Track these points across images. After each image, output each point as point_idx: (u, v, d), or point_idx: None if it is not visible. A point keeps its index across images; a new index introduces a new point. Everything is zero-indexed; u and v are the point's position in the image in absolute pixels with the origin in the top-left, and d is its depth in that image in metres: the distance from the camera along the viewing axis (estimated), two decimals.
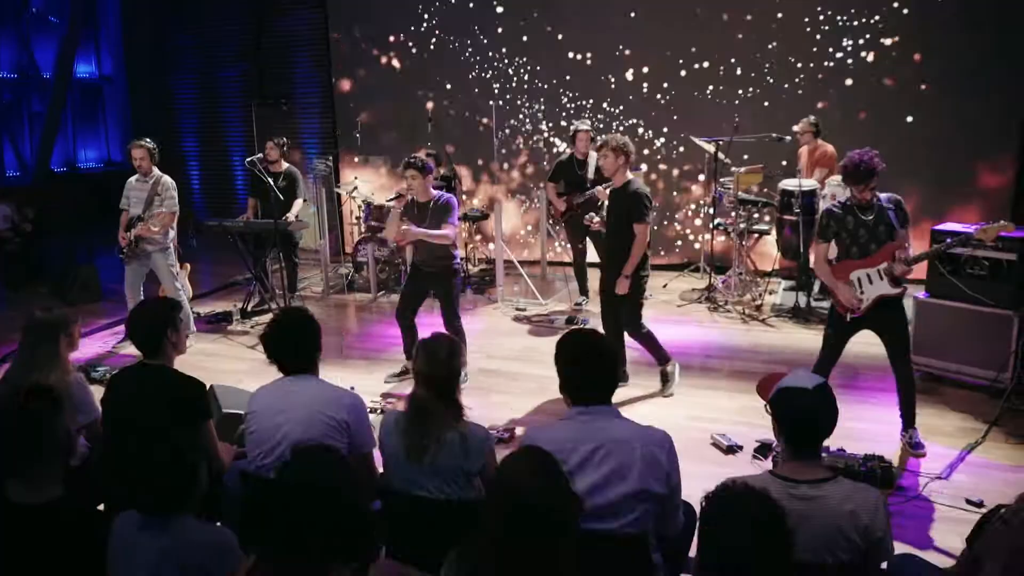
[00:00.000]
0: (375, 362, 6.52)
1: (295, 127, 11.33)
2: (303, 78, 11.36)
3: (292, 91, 11.37)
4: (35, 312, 3.56)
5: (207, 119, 12.20)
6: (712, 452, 4.76)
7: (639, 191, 5.36)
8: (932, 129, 8.10)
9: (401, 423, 2.91)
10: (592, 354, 2.71)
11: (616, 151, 5.31)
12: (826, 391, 2.57)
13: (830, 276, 4.70)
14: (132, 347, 6.96)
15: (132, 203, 6.87)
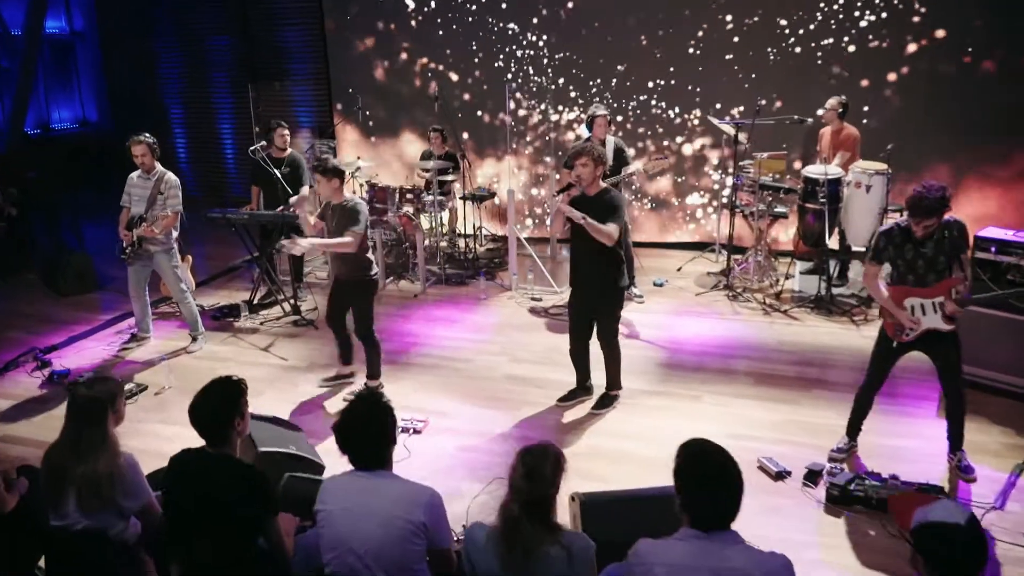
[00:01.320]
0: (398, 367, 6.34)
1: (289, 101, 10.88)
2: (296, 50, 10.84)
3: (285, 66, 10.87)
4: (78, 390, 3.33)
5: (194, 88, 11.66)
6: (759, 478, 4.69)
7: (615, 199, 5.12)
8: (967, 111, 7.91)
9: (495, 543, 2.74)
10: (722, 478, 2.55)
11: (597, 161, 5.08)
12: (977, 526, 2.44)
13: (884, 297, 4.59)
14: (140, 349, 6.88)
15: (134, 201, 6.54)
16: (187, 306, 6.80)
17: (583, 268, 5.22)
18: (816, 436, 5.10)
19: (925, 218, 4.24)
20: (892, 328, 4.59)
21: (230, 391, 3.15)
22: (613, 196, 5.16)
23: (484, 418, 5.48)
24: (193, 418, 3.08)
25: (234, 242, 8.51)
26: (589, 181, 5.09)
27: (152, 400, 5.93)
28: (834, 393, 5.67)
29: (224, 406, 3.10)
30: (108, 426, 3.22)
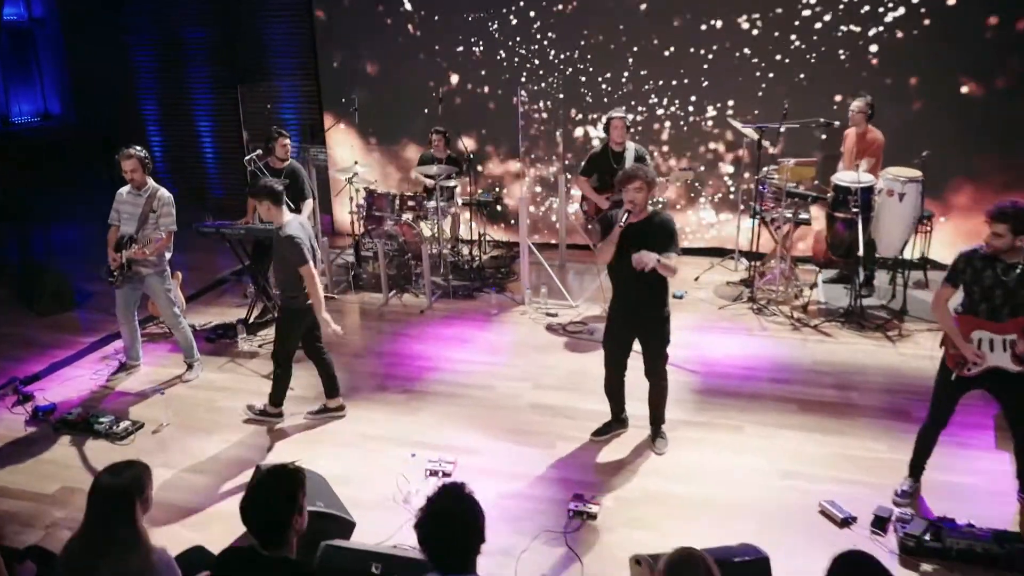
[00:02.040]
0: (414, 396, 6.05)
1: (275, 98, 10.45)
2: (282, 44, 10.39)
3: (270, 61, 10.42)
4: (101, 480, 2.96)
5: (170, 83, 11.17)
6: (823, 525, 4.47)
7: (669, 223, 4.84)
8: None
9: None
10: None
11: (651, 184, 4.77)
12: None
13: (951, 325, 4.38)
14: (130, 379, 6.49)
15: (123, 219, 6.14)
16: (181, 332, 6.43)
17: (632, 297, 4.92)
18: (871, 472, 4.91)
19: (1000, 223, 4.03)
20: (953, 360, 4.40)
21: (287, 486, 2.78)
22: (666, 220, 4.88)
23: (518, 456, 5.21)
24: (246, 518, 2.73)
25: (219, 251, 8.17)
26: (643, 207, 4.79)
27: (150, 440, 5.57)
28: (881, 421, 5.49)
29: (281, 504, 2.75)
30: (137, 518, 2.88)
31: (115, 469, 2.96)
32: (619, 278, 4.99)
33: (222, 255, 9.05)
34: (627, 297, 4.96)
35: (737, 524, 4.43)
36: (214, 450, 5.39)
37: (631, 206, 4.77)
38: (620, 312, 5.05)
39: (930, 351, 6.44)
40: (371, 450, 5.32)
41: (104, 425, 5.63)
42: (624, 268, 4.88)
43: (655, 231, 4.80)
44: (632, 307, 4.97)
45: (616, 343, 5.15)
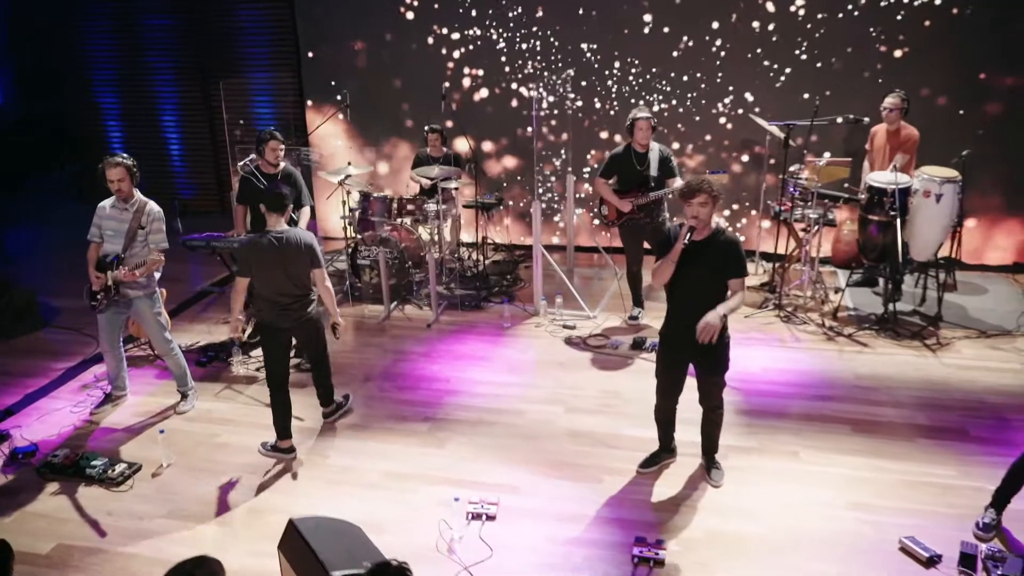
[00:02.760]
0: (439, 425, 5.70)
1: (247, 92, 9.93)
2: (256, 34, 9.85)
3: (245, 50, 9.88)
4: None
5: (131, 75, 10.54)
6: (906, 564, 4.27)
7: (736, 244, 4.61)
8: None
9: None
10: None
11: (716, 199, 4.47)
12: None
13: None
14: (116, 412, 6.01)
15: (107, 236, 5.66)
16: (174, 359, 5.98)
17: (690, 319, 4.60)
18: (943, 502, 4.74)
19: None
20: None
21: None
22: (732, 240, 4.60)
23: (564, 494, 4.91)
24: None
25: (195, 260, 7.73)
26: (707, 223, 4.51)
27: (151, 485, 5.14)
28: (941, 443, 5.32)
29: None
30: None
31: (184, 570, 2.57)
32: (676, 298, 4.70)
33: (198, 264, 8.62)
34: (685, 319, 4.66)
35: (815, 566, 4.22)
36: (225, 496, 4.98)
37: (695, 222, 4.47)
38: (677, 335, 4.76)
39: (975, 360, 6.36)
40: (401, 491, 4.98)
41: (97, 469, 5.19)
42: (682, 288, 4.61)
43: (720, 252, 4.52)
44: (692, 332, 4.67)
45: (672, 370, 4.87)
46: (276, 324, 5.23)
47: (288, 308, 5.20)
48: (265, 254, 5.08)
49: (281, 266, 5.11)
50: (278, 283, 5.14)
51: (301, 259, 5.15)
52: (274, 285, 5.14)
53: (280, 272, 5.12)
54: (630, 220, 6.87)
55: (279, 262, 5.10)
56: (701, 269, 4.53)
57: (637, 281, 7.22)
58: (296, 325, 5.28)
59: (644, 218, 6.83)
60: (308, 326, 5.35)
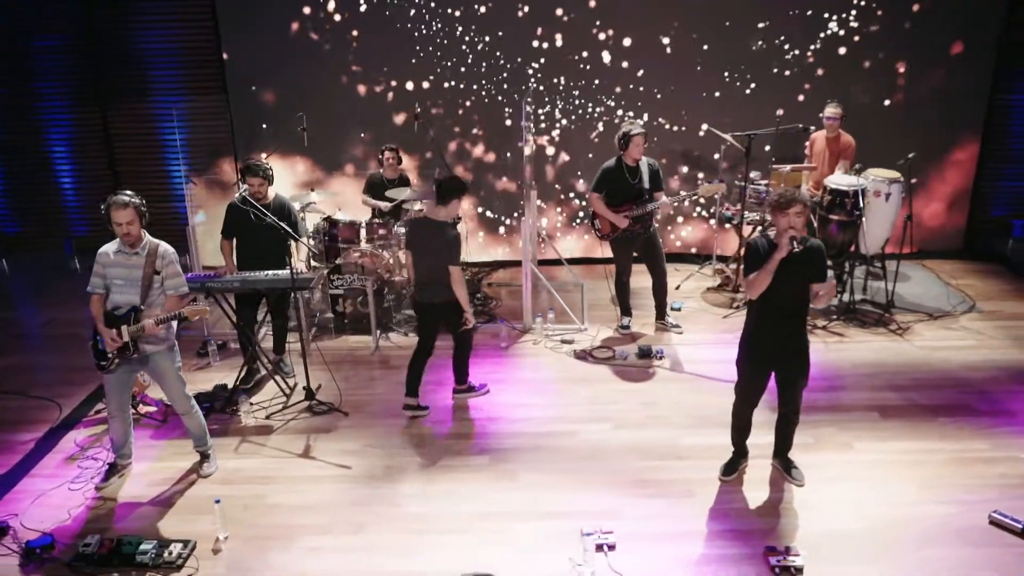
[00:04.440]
0: (499, 458, 5.32)
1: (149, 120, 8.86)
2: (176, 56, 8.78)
3: (154, 71, 8.79)
4: None
5: (12, 99, 9.05)
6: (1000, 536, 4.47)
7: (821, 247, 4.62)
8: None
9: None
10: None
11: (807, 207, 4.50)
12: None
13: None
14: (127, 484, 5.09)
15: (116, 286, 4.80)
16: (195, 417, 5.19)
17: (781, 330, 4.60)
18: (996, 474, 5.04)
19: None
20: None
21: None
22: (820, 246, 4.62)
23: (664, 512, 4.74)
24: None
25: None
26: (801, 232, 4.49)
27: (217, 563, 4.41)
28: (960, 419, 5.67)
29: None
30: None
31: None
32: (767, 308, 4.65)
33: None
34: (775, 330, 4.64)
35: (935, 552, 4.33)
36: (311, 565, 4.37)
37: (795, 232, 4.44)
38: (765, 345, 4.72)
39: (938, 341, 6.85)
40: (499, 532, 4.59)
41: (149, 554, 4.38)
42: (775, 298, 4.56)
43: (810, 258, 4.52)
44: (780, 341, 4.65)
45: (760, 378, 4.83)
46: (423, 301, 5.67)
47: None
48: (418, 233, 5.64)
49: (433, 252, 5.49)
50: (429, 264, 5.54)
51: (442, 253, 5.47)
52: (424, 266, 5.57)
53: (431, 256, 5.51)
54: (625, 232, 6.78)
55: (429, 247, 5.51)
56: (795, 279, 4.52)
57: (626, 291, 7.16)
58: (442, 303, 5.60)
59: (639, 229, 6.77)
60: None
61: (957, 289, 7.95)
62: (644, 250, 6.97)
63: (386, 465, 5.27)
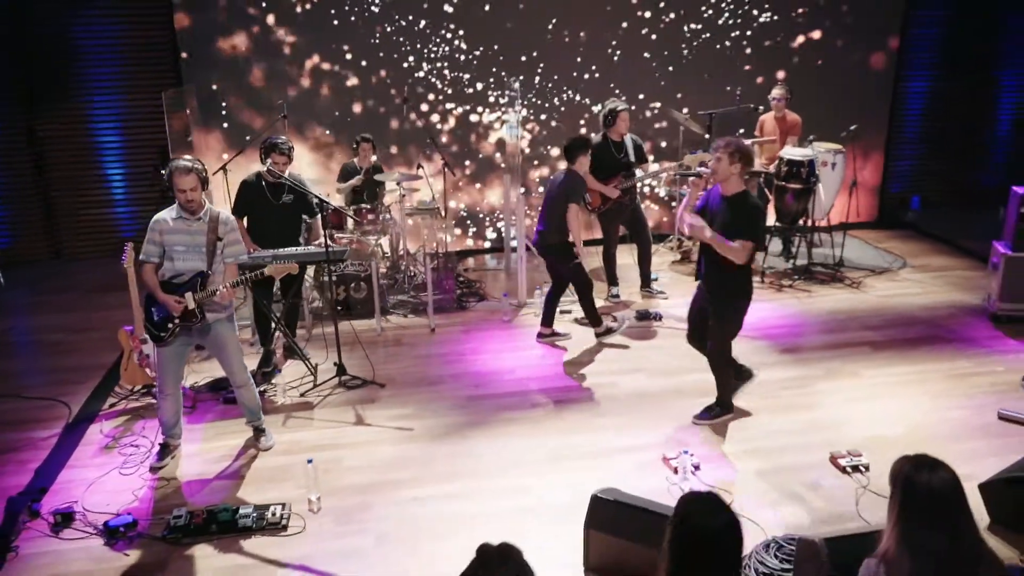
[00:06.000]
0: (559, 408, 5.53)
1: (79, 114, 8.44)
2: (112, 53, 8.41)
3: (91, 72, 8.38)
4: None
5: None
6: (1010, 427, 5.17)
7: (752, 207, 4.81)
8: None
9: None
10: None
11: (733, 156, 4.71)
12: None
13: None
14: (184, 464, 4.88)
15: (177, 253, 4.66)
16: (252, 390, 5.08)
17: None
18: (987, 383, 5.80)
19: None
20: None
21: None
22: (750, 203, 4.78)
23: (723, 437, 5.13)
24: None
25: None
26: (723, 178, 4.78)
27: (319, 520, 4.37)
28: (935, 347, 6.45)
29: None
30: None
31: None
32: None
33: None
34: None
35: (967, 446, 4.94)
36: (422, 511, 4.44)
37: (711, 175, 4.93)
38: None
39: (890, 291, 7.71)
40: (589, 468, 4.80)
41: (251, 517, 4.28)
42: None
43: (734, 212, 4.84)
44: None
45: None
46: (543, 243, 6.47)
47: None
48: (549, 187, 6.46)
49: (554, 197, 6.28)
50: (549, 209, 6.31)
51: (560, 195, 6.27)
52: (546, 212, 6.35)
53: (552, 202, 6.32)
54: (614, 204, 7.20)
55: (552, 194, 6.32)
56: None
57: (613, 262, 7.55)
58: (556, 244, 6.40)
59: (627, 201, 7.21)
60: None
61: (886, 251, 8.92)
62: (630, 223, 7.41)
63: (446, 424, 5.36)
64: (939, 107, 9.97)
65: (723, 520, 2.36)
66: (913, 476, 2.57)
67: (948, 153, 10.17)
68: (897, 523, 2.57)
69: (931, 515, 2.51)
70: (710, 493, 2.52)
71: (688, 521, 2.38)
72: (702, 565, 2.33)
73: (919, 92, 9.91)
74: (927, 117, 10.03)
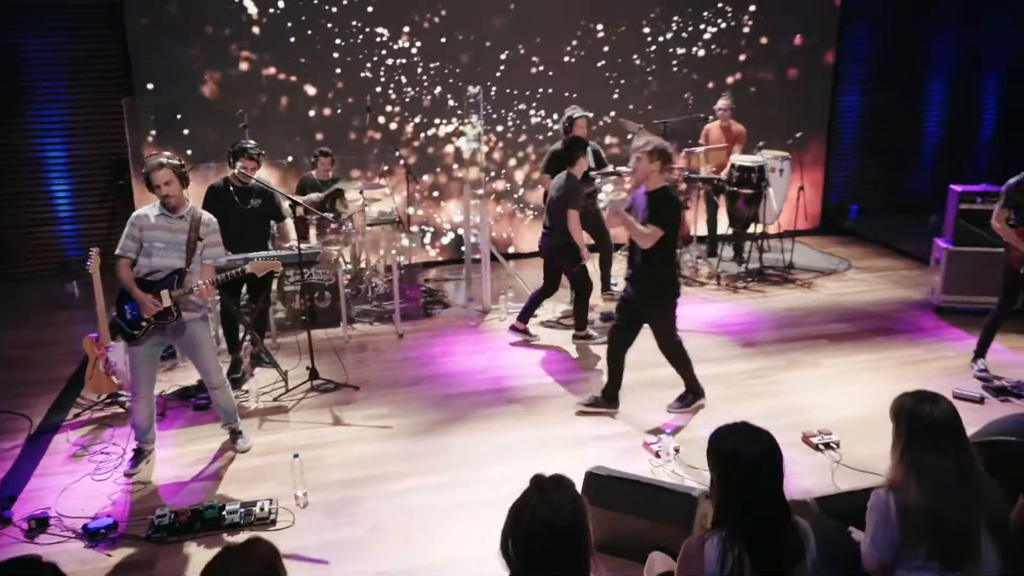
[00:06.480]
0: (535, 403, 5.62)
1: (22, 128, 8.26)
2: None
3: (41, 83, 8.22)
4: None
5: None
6: (967, 405, 5.46)
7: (663, 199, 5.05)
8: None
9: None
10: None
11: (651, 156, 4.98)
12: None
13: (1012, 235, 5.72)
14: (158, 468, 4.79)
15: (156, 249, 4.63)
16: (227, 391, 5.04)
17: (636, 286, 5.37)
18: (939, 368, 6.12)
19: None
20: (1017, 260, 5.75)
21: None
22: (669, 196, 5.10)
23: (701, 423, 5.30)
24: None
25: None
26: (644, 176, 5.05)
27: (307, 515, 4.36)
28: (888, 337, 6.78)
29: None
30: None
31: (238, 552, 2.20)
32: None
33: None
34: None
35: None
36: (414, 501, 4.47)
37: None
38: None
39: (839, 289, 8.07)
40: (573, 456, 4.86)
41: (239, 512, 4.24)
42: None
43: (651, 204, 5.11)
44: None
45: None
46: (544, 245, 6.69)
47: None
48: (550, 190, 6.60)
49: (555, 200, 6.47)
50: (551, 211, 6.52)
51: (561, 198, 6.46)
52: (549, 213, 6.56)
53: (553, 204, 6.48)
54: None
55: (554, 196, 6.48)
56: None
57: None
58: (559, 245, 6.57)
59: (589, 206, 7.41)
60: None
61: (831, 254, 9.33)
62: (592, 228, 7.60)
63: (425, 421, 5.40)
64: (872, 119, 10.53)
65: (764, 444, 2.56)
66: (916, 408, 2.77)
67: (882, 162, 10.74)
68: (904, 453, 2.76)
69: (935, 442, 2.70)
70: (743, 422, 2.68)
71: (731, 453, 2.54)
72: (745, 489, 2.50)
73: (853, 105, 10.46)
74: (862, 128, 10.58)
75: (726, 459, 2.55)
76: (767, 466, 2.53)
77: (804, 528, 2.59)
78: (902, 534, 2.73)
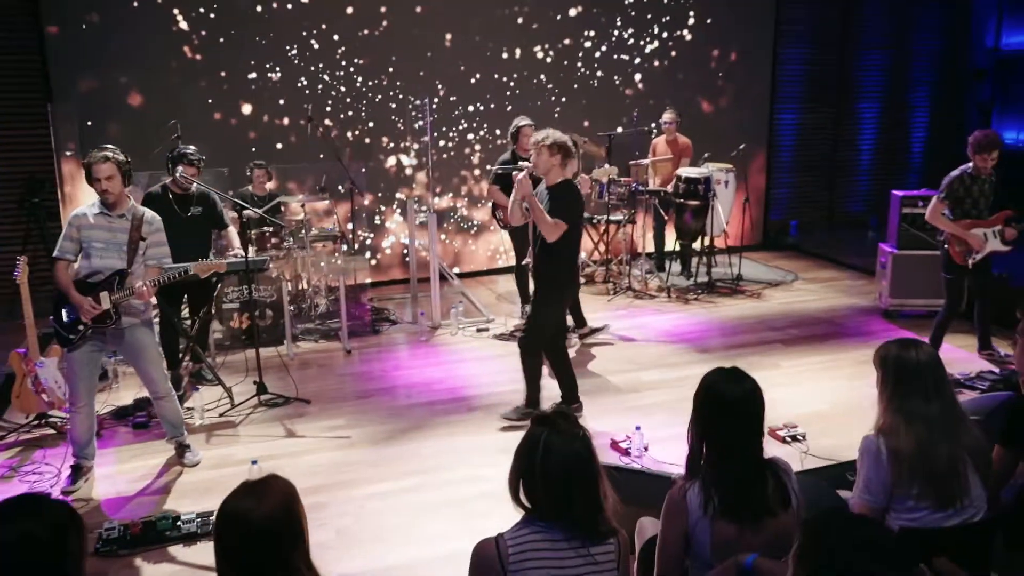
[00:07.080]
0: (492, 409, 5.57)
1: None
2: None
3: None
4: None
5: None
6: None
7: (564, 193, 5.16)
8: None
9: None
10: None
11: (552, 149, 5.11)
12: None
13: (955, 227, 6.00)
14: (99, 485, 4.55)
15: (95, 250, 4.47)
16: (173, 401, 4.87)
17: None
18: None
19: (993, 150, 5.78)
20: (960, 255, 6.04)
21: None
22: (571, 189, 5.20)
23: (663, 424, 5.33)
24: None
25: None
26: (545, 170, 5.16)
27: None
28: (839, 340, 7.02)
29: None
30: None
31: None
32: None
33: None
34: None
35: None
36: (386, 504, 4.36)
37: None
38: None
39: (788, 299, 8.31)
40: None
41: (195, 523, 4.08)
42: None
43: (552, 198, 5.23)
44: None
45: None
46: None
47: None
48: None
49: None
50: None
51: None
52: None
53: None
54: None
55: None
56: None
57: (526, 278, 7.72)
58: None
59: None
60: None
61: (776, 267, 9.61)
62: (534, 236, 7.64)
63: (385, 430, 5.32)
64: (808, 137, 10.98)
65: (746, 386, 2.64)
66: (903, 354, 2.90)
67: (818, 180, 11.17)
68: (892, 398, 2.87)
69: (922, 385, 2.81)
70: (733, 367, 2.76)
71: (712, 388, 2.64)
72: (727, 430, 2.59)
73: (790, 124, 10.88)
74: (799, 147, 11.00)
75: (711, 397, 2.65)
76: (750, 406, 2.62)
77: (784, 466, 2.65)
78: (894, 476, 2.84)
